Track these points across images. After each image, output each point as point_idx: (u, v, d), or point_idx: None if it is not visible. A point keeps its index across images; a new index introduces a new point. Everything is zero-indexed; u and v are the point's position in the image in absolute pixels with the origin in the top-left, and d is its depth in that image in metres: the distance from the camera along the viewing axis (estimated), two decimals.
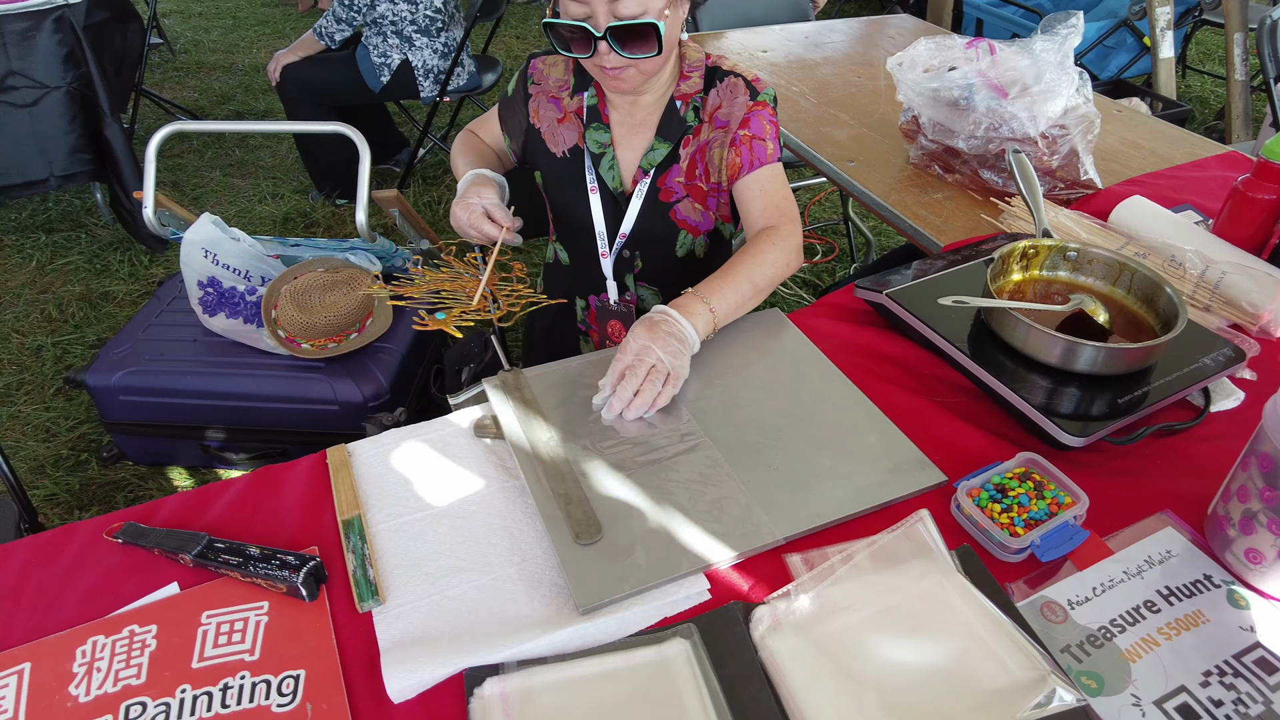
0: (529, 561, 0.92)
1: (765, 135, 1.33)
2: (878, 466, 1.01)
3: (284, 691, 0.80)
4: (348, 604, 0.88)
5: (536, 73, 1.44)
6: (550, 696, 0.77)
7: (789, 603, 0.85)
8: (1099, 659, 0.83)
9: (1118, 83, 3.64)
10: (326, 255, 2.17)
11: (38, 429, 2.32)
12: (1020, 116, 1.46)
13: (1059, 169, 1.54)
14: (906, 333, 1.22)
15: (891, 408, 1.10)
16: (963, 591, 0.85)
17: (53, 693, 0.81)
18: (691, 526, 0.92)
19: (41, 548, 0.96)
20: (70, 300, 2.79)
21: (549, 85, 1.42)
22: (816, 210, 3.36)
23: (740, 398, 1.11)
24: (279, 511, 0.99)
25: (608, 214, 1.42)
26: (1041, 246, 1.22)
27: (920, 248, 1.54)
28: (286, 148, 3.72)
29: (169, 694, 0.80)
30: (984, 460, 1.01)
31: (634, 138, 1.38)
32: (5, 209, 3.26)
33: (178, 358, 2.03)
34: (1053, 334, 1.04)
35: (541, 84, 1.43)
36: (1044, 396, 1.05)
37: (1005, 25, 4.22)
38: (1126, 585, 0.90)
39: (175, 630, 0.86)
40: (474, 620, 0.85)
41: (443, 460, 1.05)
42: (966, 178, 1.61)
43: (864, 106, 1.99)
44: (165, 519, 0.98)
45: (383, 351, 2.07)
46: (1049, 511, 0.93)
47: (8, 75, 2.75)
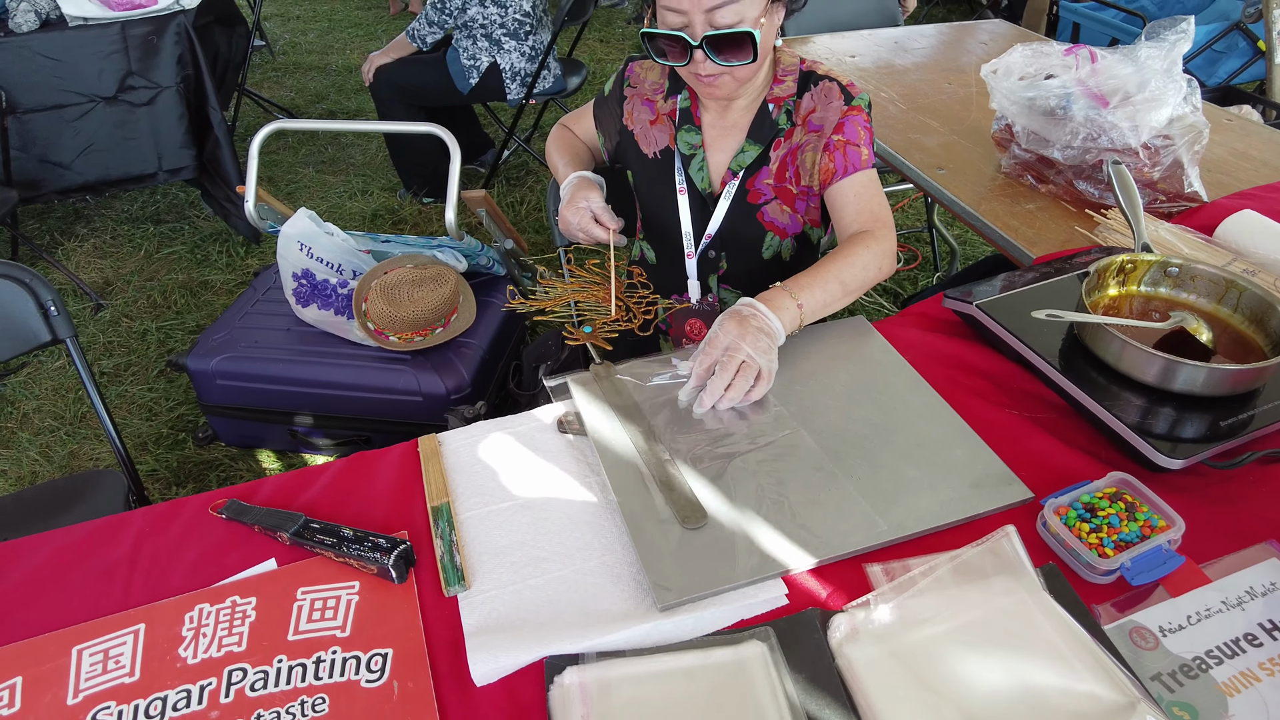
0: (609, 557, 0.93)
1: (860, 141, 1.33)
2: (963, 480, 0.99)
3: (373, 668, 0.83)
4: (435, 588, 0.91)
5: (634, 76, 1.47)
6: (627, 689, 0.79)
7: (868, 612, 0.84)
8: (1193, 690, 0.80)
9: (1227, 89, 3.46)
10: (415, 251, 2.24)
11: (142, 408, 2.46)
12: (1121, 126, 1.41)
13: (1161, 181, 1.48)
14: (995, 345, 1.20)
15: (978, 421, 1.08)
16: (1048, 611, 0.83)
17: (164, 653, 0.86)
18: (771, 530, 0.93)
19: (154, 519, 1.02)
20: (173, 288, 2.94)
21: (645, 88, 1.45)
22: (900, 217, 3.30)
23: (822, 404, 1.11)
24: (371, 496, 1.03)
25: (695, 214, 1.43)
26: (1140, 261, 1.18)
27: (1010, 259, 1.50)
28: (376, 146, 3.85)
29: (267, 663, 0.85)
30: (1072, 479, 0.98)
31: (725, 140, 1.40)
32: (120, 201, 3.47)
33: (271, 345, 2.12)
34: (1150, 351, 1.01)
35: (638, 87, 1.46)
36: (1139, 415, 1.02)
37: (1104, 30, 4.07)
38: (1225, 616, 0.86)
39: (273, 603, 0.90)
40: (556, 610, 0.88)
41: (527, 454, 1.08)
42: (1061, 189, 1.57)
43: (954, 114, 1.95)
44: (265, 498, 1.03)
45: (466, 346, 2.13)
46: (1141, 534, 0.90)
47: (127, 76, 2.93)
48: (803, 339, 1.22)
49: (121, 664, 0.86)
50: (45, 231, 3.29)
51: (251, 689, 0.82)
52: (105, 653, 0.87)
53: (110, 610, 0.91)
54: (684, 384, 1.14)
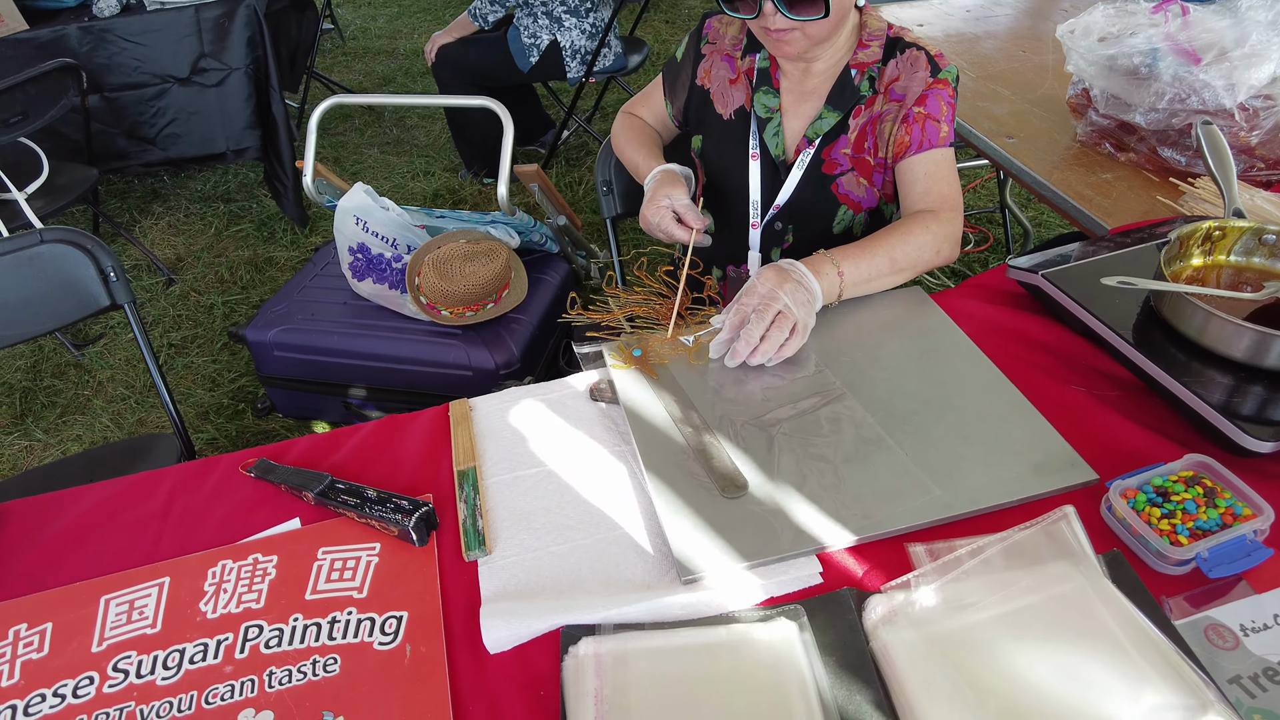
0: (634, 527, 0.89)
1: (940, 116, 1.24)
2: (1021, 460, 0.92)
3: (386, 631, 0.81)
4: (455, 552, 0.89)
5: (712, 31, 1.39)
6: (644, 663, 0.75)
7: (908, 594, 0.78)
8: (1278, 696, 0.72)
9: None
10: (469, 227, 2.23)
11: (205, 379, 2.53)
12: (1214, 85, 1.30)
13: (1260, 146, 1.36)
14: (1063, 318, 1.11)
15: (1041, 398, 1.00)
16: (1110, 600, 0.76)
17: (185, 606, 0.86)
18: (809, 503, 0.87)
19: (188, 475, 1.03)
20: (240, 264, 3.02)
21: (724, 44, 1.38)
22: (971, 197, 3.16)
23: (871, 375, 1.04)
24: (400, 458, 1.02)
25: (765, 182, 1.36)
26: (1231, 228, 1.07)
27: (1084, 231, 1.40)
28: (440, 128, 3.88)
29: (283, 620, 0.83)
30: (1144, 462, 0.89)
31: (802, 105, 1.32)
32: (194, 181, 3.58)
33: (327, 318, 2.15)
34: (1240, 323, 0.91)
35: (716, 43, 1.39)
36: (1224, 395, 0.92)
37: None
38: None
39: (294, 562, 0.89)
40: (576, 579, 0.84)
41: (558, 421, 1.05)
42: (1143, 156, 1.45)
43: (1028, 82, 1.84)
44: (295, 458, 1.03)
45: (516, 322, 2.12)
46: (1221, 522, 0.81)
47: (200, 58, 3.01)
48: (853, 306, 1.16)
49: (145, 615, 0.86)
50: (125, 210, 3.42)
51: (266, 646, 0.81)
52: (131, 603, 0.87)
53: (140, 562, 0.92)
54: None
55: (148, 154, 3.13)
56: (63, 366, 2.64)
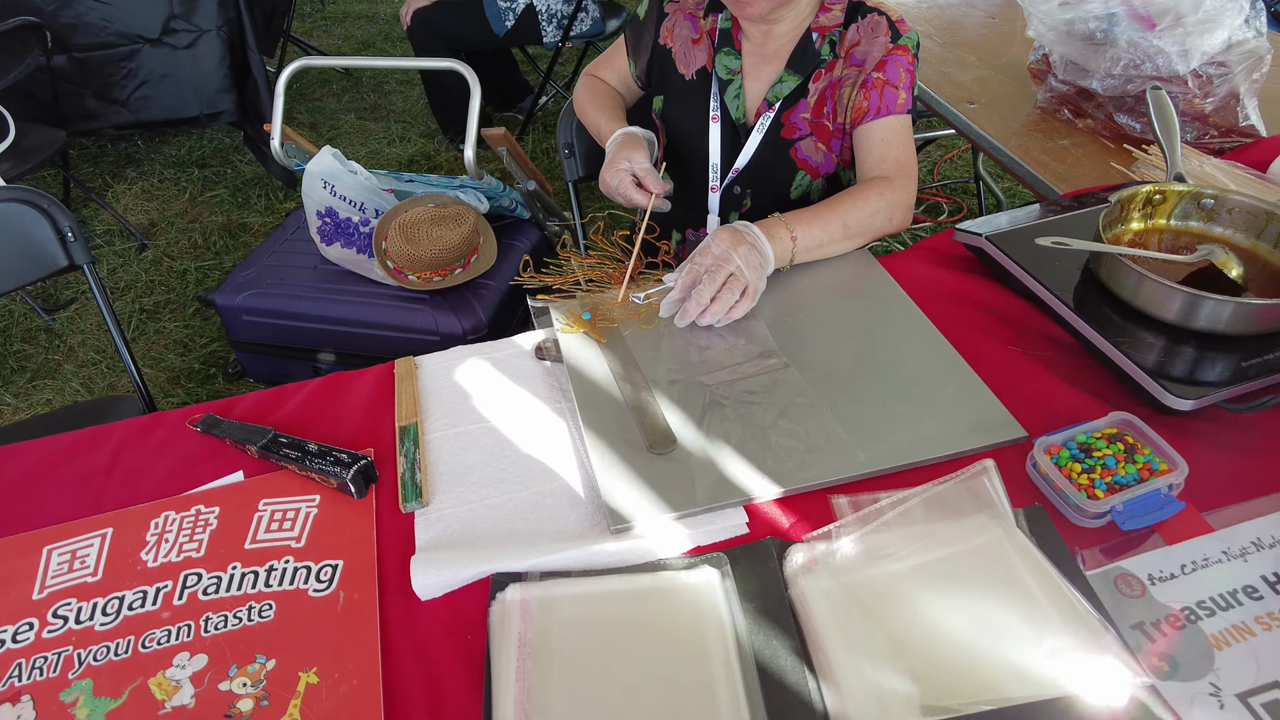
0: (570, 481, 0.91)
1: (899, 83, 1.24)
2: (953, 417, 0.94)
3: (321, 579, 0.83)
4: (393, 504, 0.90)
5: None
6: (570, 607, 0.77)
7: (829, 544, 0.80)
8: (1176, 641, 0.74)
9: None
10: (437, 191, 2.22)
11: (177, 344, 2.53)
12: (1168, 51, 1.30)
13: (1213, 114, 1.36)
14: (1007, 281, 1.12)
15: (979, 359, 1.01)
16: (1024, 551, 0.78)
17: (126, 556, 0.87)
18: (739, 458, 0.89)
19: (135, 430, 1.03)
20: (214, 229, 3.00)
21: (688, 3, 1.37)
22: (947, 168, 3.16)
23: (811, 336, 1.06)
24: (343, 414, 1.03)
25: (726, 145, 1.36)
26: (1170, 191, 1.09)
27: (1040, 198, 1.41)
28: (418, 94, 3.84)
29: (221, 569, 0.85)
30: (1075, 421, 0.91)
31: (764, 68, 1.32)
32: (168, 146, 3.54)
33: (296, 283, 2.14)
34: (1169, 284, 0.93)
35: (680, 1, 1.37)
36: (1152, 354, 0.94)
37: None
38: (1225, 567, 0.80)
39: (235, 513, 0.91)
40: (509, 530, 0.86)
41: (503, 379, 1.06)
42: (1099, 123, 1.46)
43: (994, 48, 1.84)
44: (241, 413, 1.04)
45: (485, 288, 2.12)
46: (1138, 477, 0.83)
47: (170, 19, 2.96)
48: (800, 268, 1.17)
49: (87, 564, 0.87)
50: (98, 174, 3.38)
51: (204, 593, 0.83)
52: (73, 553, 0.88)
53: (85, 514, 0.93)
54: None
55: (119, 116, 3.08)
56: (33, 331, 2.63)
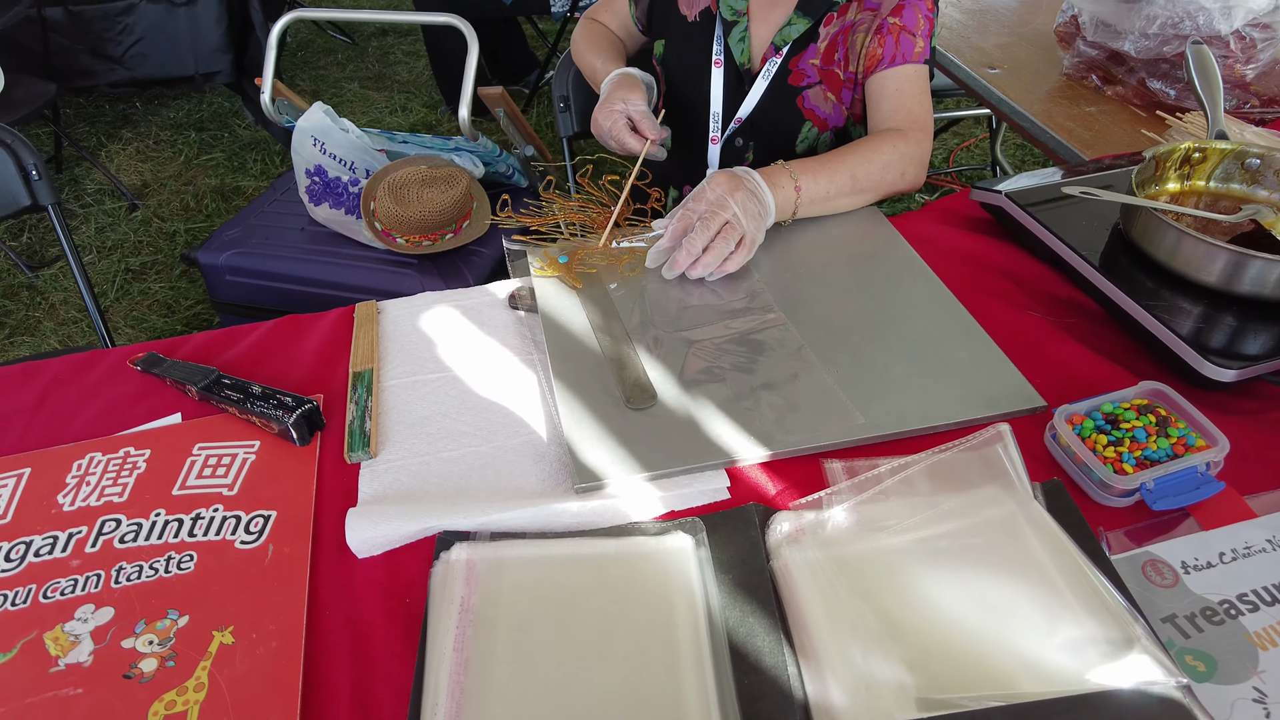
0: (536, 436, 0.82)
1: (917, 30, 1.15)
2: (963, 383, 0.84)
3: (251, 530, 0.74)
4: (339, 454, 0.82)
5: None
6: (522, 571, 0.68)
7: (819, 513, 0.71)
8: (1214, 638, 0.65)
9: None
10: (431, 153, 2.14)
11: (160, 305, 2.45)
12: (1210, 9, 1.20)
13: (1255, 81, 1.26)
14: (1026, 243, 1.03)
15: (995, 324, 0.92)
16: (1042, 529, 0.69)
17: (42, 498, 0.79)
18: (724, 416, 0.80)
19: (70, 366, 0.95)
20: (206, 192, 2.92)
21: None
22: (964, 156, 3.06)
23: (812, 293, 0.96)
24: (295, 358, 0.94)
25: (728, 93, 1.27)
26: (1212, 149, 0.99)
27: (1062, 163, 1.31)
28: (423, 65, 3.76)
29: (144, 515, 0.76)
30: (1098, 392, 0.81)
31: (772, 12, 1.22)
32: (166, 108, 3.46)
33: (282, 243, 2.07)
34: (1214, 242, 0.83)
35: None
36: (1189, 321, 0.85)
37: None
38: (1269, 557, 0.70)
39: (166, 457, 0.82)
40: (463, 486, 0.77)
41: (471, 327, 0.97)
42: (1130, 89, 1.36)
43: (1020, 16, 1.74)
44: (188, 353, 0.95)
45: (475, 255, 2.03)
46: (1171, 453, 0.74)
47: None
48: (804, 222, 1.08)
49: None
50: (94, 134, 3.30)
51: (121, 540, 0.74)
52: None
53: (3, 453, 0.85)
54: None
55: (113, 73, 3.01)
56: (15, 287, 2.55)
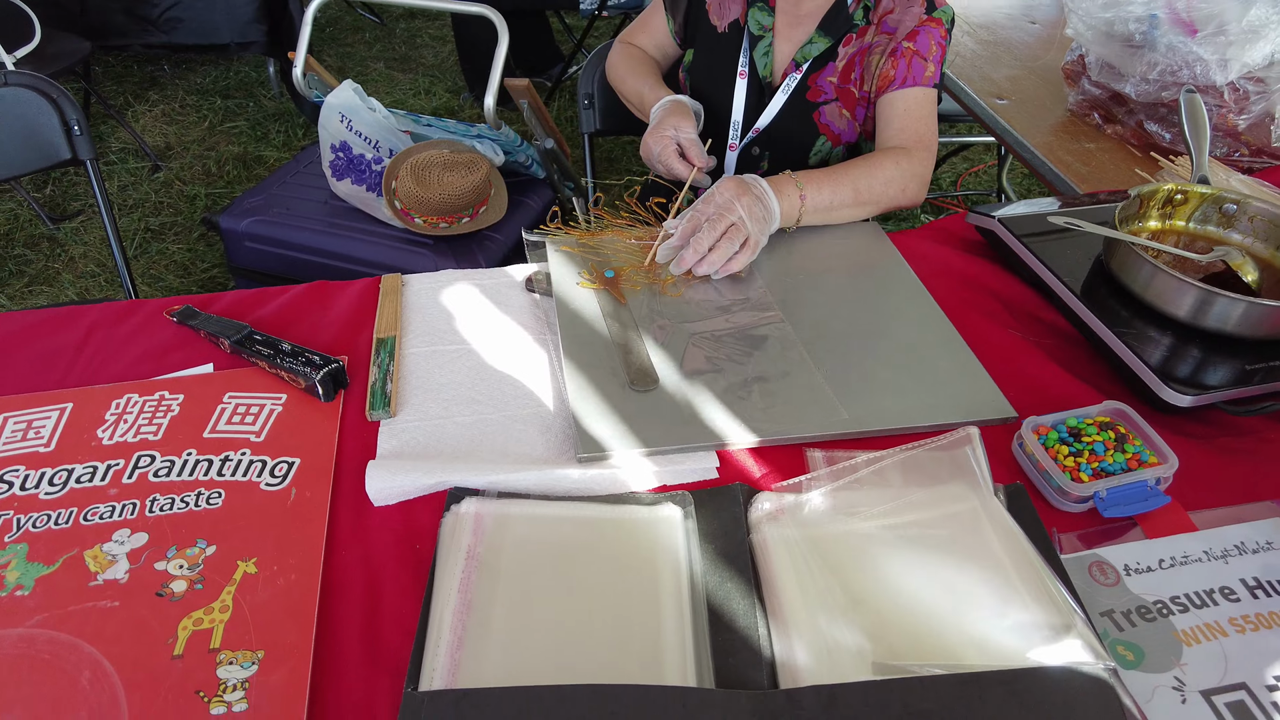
0: (544, 408, 0.88)
1: (929, 55, 1.22)
2: (943, 390, 0.91)
3: (275, 474, 0.81)
4: (360, 412, 0.88)
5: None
6: (524, 527, 0.74)
7: (798, 496, 0.78)
8: (1145, 632, 0.71)
9: None
10: (454, 138, 2.20)
11: (178, 265, 2.51)
12: (1207, 60, 1.27)
13: (1246, 131, 1.33)
14: (1014, 267, 1.09)
15: (978, 338, 0.98)
16: (1000, 525, 0.75)
17: (82, 431, 0.85)
18: (718, 402, 0.86)
19: (110, 313, 1.01)
20: (229, 159, 2.98)
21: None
22: (971, 181, 3.12)
23: (810, 297, 1.03)
24: (323, 321, 1.01)
25: (749, 103, 1.33)
26: (1193, 193, 1.05)
27: (1057, 194, 1.37)
28: (449, 50, 3.82)
29: (176, 454, 0.83)
30: (1068, 408, 0.88)
31: (795, 29, 1.29)
32: (194, 73, 3.52)
33: (303, 214, 2.13)
34: (1183, 279, 0.90)
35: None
36: (1156, 350, 0.91)
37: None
38: (1204, 566, 0.77)
39: (199, 403, 0.88)
40: (474, 447, 0.83)
41: (490, 306, 1.03)
42: (1129, 130, 1.43)
43: (1031, 50, 1.80)
44: (221, 309, 1.01)
45: (490, 240, 2.09)
46: (1126, 466, 0.80)
47: None
48: (806, 232, 1.14)
49: (41, 435, 0.85)
50: (121, 93, 3.36)
51: (155, 475, 0.81)
52: (29, 423, 0.86)
53: (48, 388, 0.91)
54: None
55: (148, 35, 3.07)
56: (36, 238, 2.61)
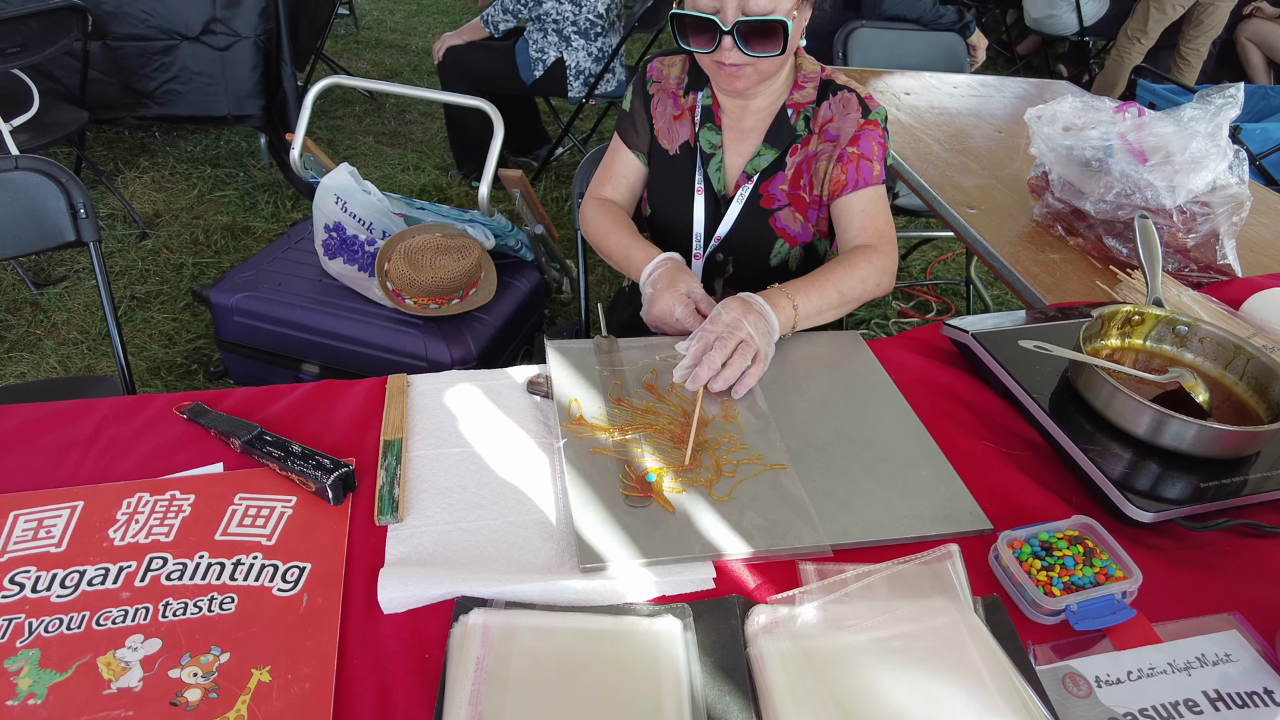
0: (546, 515, 0.92)
1: (873, 156, 1.32)
2: (923, 501, 0.96)
3: (288, 579, 0.83)
4: (368, 516, 0.91)
5: (656, 73, 1.45)
6: (530, 639, 0.77)
7: (791, 609, 0.82)
8: None
9: None
10: (447, 222, 2.27)
11: (162, 335, 2.52)
12: (1157, 185, 1.38)
13: (1194, 249, 1.44)
14: (987, 379, 1.16)
15: (954, 449, 1.05)
16: (979, 639, 0.80)
17: (94, 531, 0.87)
18: (714, 514, 0.91)
19: (121, 408, 1.04)
20: (217, 229, 3.02)
21: (669, 83, 1.44)
22: (940, 269, 3.26)
23: (796, 407, 1.09)
24: (331, 421, 1.04)
25: (708, 215, 1.42)
26: (1149, 315, 1.14)
27: (1027, 306, 1.46)
28: (438, 127, 3.93)
29: (188, 556, 0.85)
30: (1038, 519, 0.94)
31: (742, 143, 1.39)
32: (184, 141, 3.59)
33: (294, 291, 2.16)
34: (1140, 400, 0.97)
35: (661, 82, 1.44)
36: (1118, 466, 0.98)
37: None
38: (1169, 678, 0.82)
39: (210, 503, 0.91)
40: (480, 555, 0.87)
41: (492, 408, 1.08)
42: (1089, 243, 1.53)
43: (998, 160, 1.92)
44: (230, 406, 1.04)
45: (479, 321, 2.14)
46: (1094, 580, 0.86)
47: (210, 21, 3.05)
48: (791, 343, 1.21)
49: (52, 534, 0.87)
50: (111, 159, 3.41)
51: (167, 578, 0.83)
52: (40, 521, 0.88)
53: (59, 484, 0.93)
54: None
55: (144, 108, 3.14)
56: (19, 303, 2.61)
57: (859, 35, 2.78)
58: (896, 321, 2.90)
